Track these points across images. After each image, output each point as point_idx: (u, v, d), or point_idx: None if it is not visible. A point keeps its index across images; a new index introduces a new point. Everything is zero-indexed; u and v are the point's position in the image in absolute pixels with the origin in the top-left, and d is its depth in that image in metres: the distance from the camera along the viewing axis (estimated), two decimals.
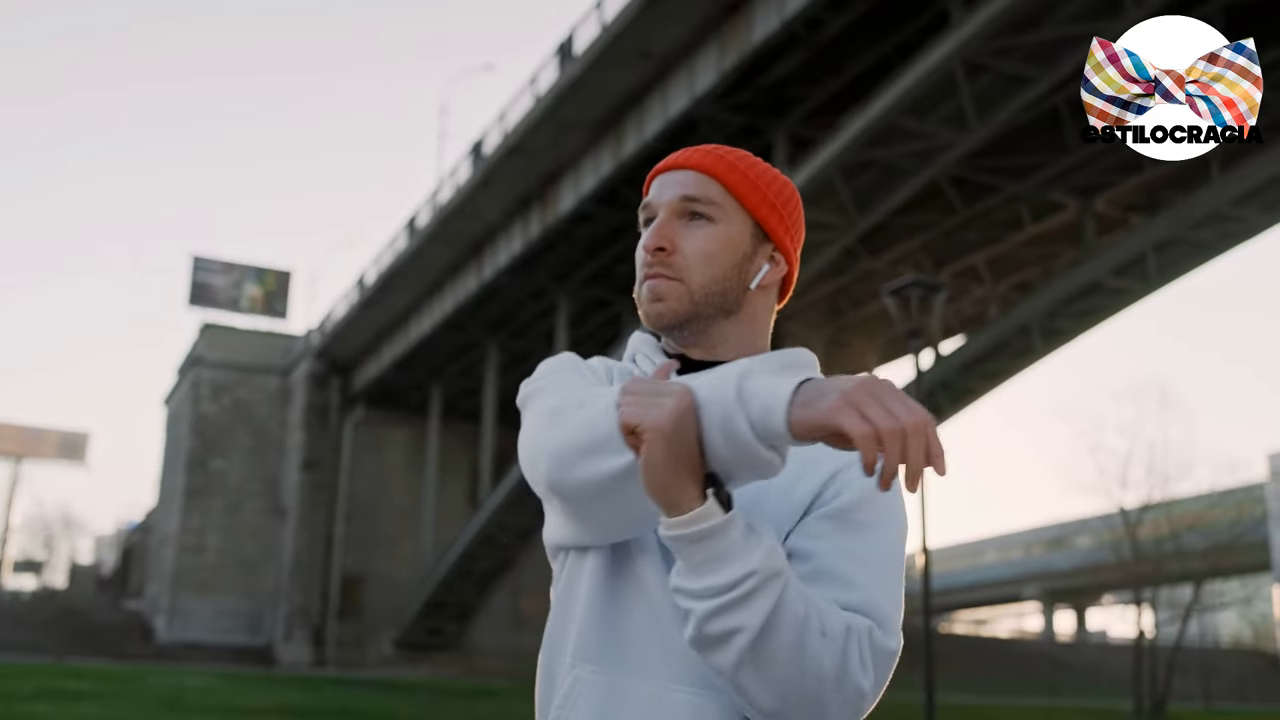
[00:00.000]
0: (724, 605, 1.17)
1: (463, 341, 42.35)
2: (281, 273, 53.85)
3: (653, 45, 25.77)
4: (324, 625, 47.41)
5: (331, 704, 24.21)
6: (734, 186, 1.45)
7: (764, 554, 1.18)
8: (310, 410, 48.79)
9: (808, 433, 1.12)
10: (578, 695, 1.31)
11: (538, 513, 6.80)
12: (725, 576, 1.17)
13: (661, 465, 1.14)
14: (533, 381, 1.43)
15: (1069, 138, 27.28)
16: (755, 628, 1.17)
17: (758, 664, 1.18)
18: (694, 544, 1.17)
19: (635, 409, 1.16)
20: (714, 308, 1.44)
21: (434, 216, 36.30)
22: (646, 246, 1.45)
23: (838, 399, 1.10)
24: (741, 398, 1.14)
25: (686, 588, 1.19)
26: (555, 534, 1.39)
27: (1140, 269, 29.53)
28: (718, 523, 1.16)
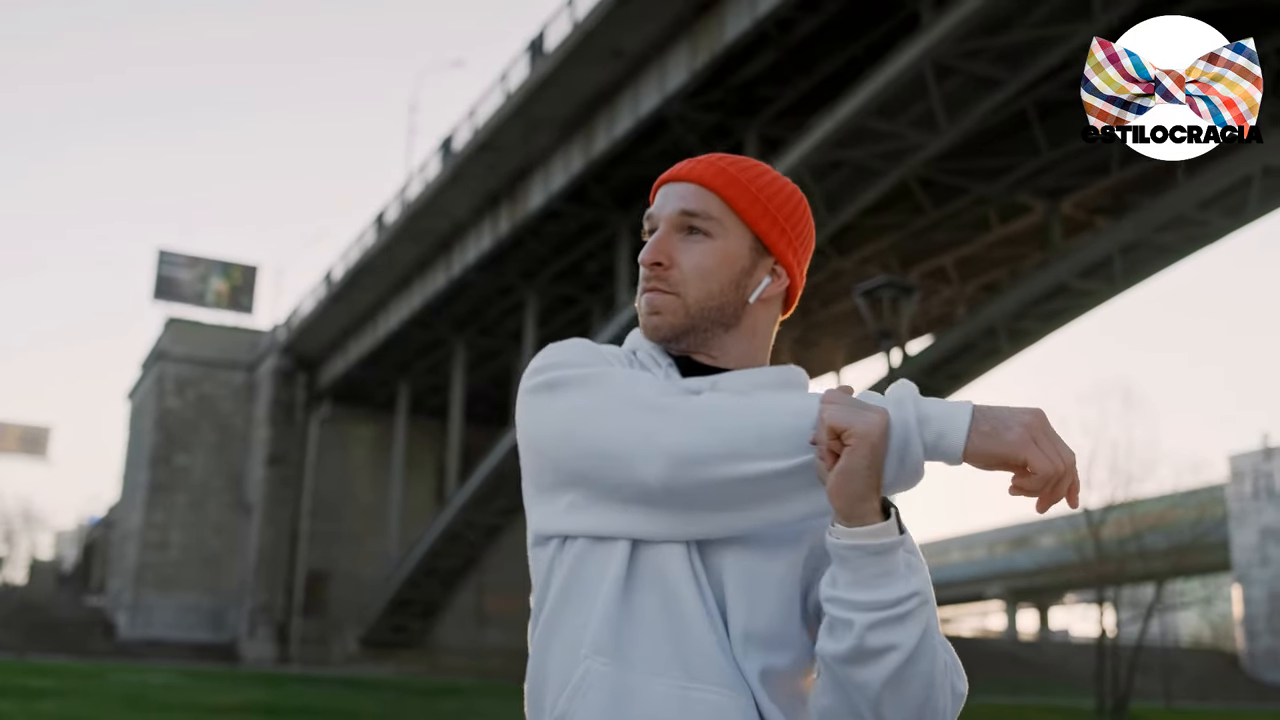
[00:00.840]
0: (886, 620, 1.21)
1: (430, 338, 42.21)
2: (248, 267, 53.50)
3: (624, 43, 25.75)
4: (288, 622, 47.14)
5: (296, 702, 24.07)
6: (734, 201, 1.44)
7: (922, 579, 1.25)
8: (276, 406, 48.48)
9: (984, 462, 1.20)
10: (588, 687, 1.30)
11: (504, 511, 6.80)
12: (892, 593, 1.22)
13: (863, 473, 1.20)
14: (561, 366, 1.41)
15: (1037, 140, 27.47)
16: (910, 648, 1.21)
17: (900, 684, 1.22)
18: (870, 556, 1.22)
19: (844, 414, 1.20)
20: (711, 321, 1.45)
21: (403, 212, 36.15)
22: (644, 261, 1.46)
23: (1023, 433, 1.20)
24: (920, 420, 1.22)
25: (851, 599, 1.22)
26: (579, 523, 1.36)
27: (1106, 271, 29.77)
28: (895, 540, 1.22)
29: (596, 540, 1.35)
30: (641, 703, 1.28)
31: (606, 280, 35.25)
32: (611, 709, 1.28)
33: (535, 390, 1.41)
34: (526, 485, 1.45)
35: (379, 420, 48.97)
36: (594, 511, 1.34)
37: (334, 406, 48.63)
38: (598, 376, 1.37)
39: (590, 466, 1.32)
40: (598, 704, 1.29)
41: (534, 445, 1.40)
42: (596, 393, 1.35)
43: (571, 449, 1.34)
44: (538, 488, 1.41)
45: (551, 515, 1.39)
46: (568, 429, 1.34)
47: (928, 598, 1.24)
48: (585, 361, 1.42)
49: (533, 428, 1.40)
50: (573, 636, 1.34)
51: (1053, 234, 30.11)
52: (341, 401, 48.56)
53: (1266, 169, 26.11)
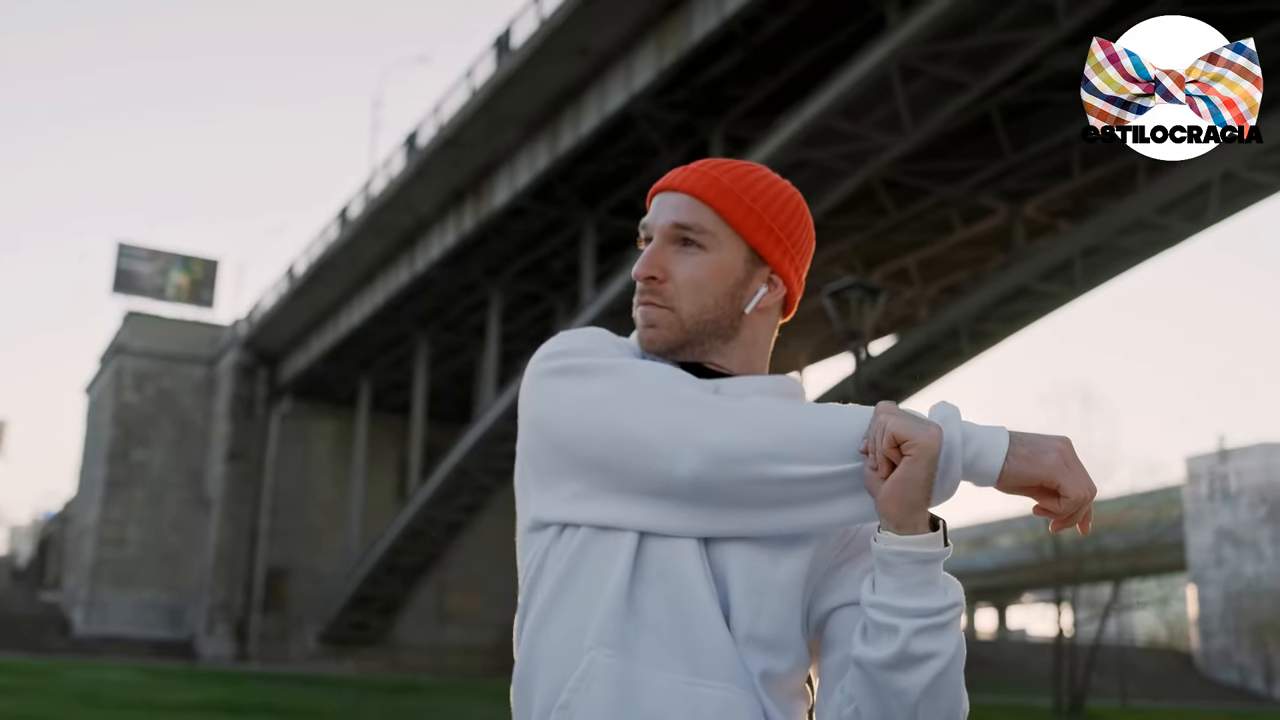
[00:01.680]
0: (930, 627, 1.24)
1: (393, 334, 42.02)
2: (209, 261, 53.04)
3: (591, 41, 25.71)
4: (247, 619, 46.81)
5: (255, 699, 23.90)
6: (727, 212, 1.44)
7: (958, 590, 1.28)
8: (236, 401, 48.11)
9: (1018, 483, 1.25)
10: (592, 679, 1.29)
11: (466, 508, 6.78)
12: (936, 601, 1.25)
13: (921, 482, 1.23)
14: (582, 353, 1.41)
15: (1000, 143, 27.67)
16: (949, 655, 1.25)
17: (937, 692, 1.26)
18: (916, 564, 1.25)
19: (908, 425, 1.23)
20: (707, 334, 1.44)
21: (366, 208, 35.95)
22: (637, 275, 1.45)
23: (1057, 458, 1.26)
24: (963, 439, 1.26)
25: (896, 605, 1.25)
26: (585, 511, 1.35)
27: (1067, 274, 30.04)
28: (942, 551, 1.26)
29: (600, 530, 1.35)
30: (647, 697, 1.28)
31: (571, 278, 35.21)
32: (617, 702, 1.28)
33: (551, 374, 1.40)
34: (525, 470, 1.44)
35: (340, 416, 48.68)
36: (603, 501, 1.34)
37: (295, 402, 48.31)
38: (623, 367, 1.38)
39: (614, 455, 1.32)
40: (603, 696, 1.28)
41: (545, 429, 1.39)
42: (625, 382, 1.35)
43: (594, 436, 1.33)
44: (539, 473, 1.41)
45: (553, 502, 1.38)
46: (591, 416, 1.34)
47: (963, 610, 1.29)
48: (606, 350, 1.42)
49: (546, 412, 1.39)
50: (572, 627, 1.33)
51: (1015, 236, 30.34)
52: (303, 397, 48.26)
53: (1226, 174, 26.44)
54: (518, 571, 1.46)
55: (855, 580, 1.37)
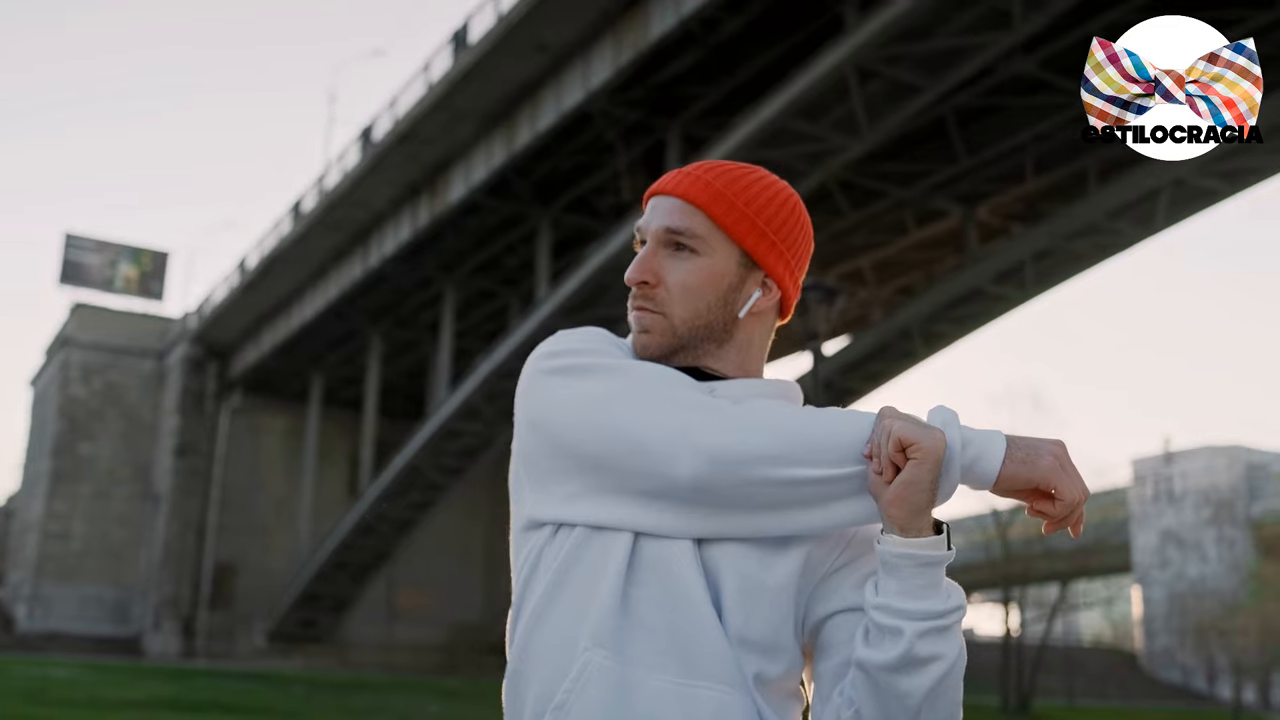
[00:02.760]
0: (934, 630, 1.26)
1: (346, 329, 41.71)
2: (158, 253, 52.39)
3: (549, 37, 25.64)
4: (194, 615, 46.29)
5: (203, 696, 23.66)
6: (719, 217, 1.43)
7: (961, 594, 1.29)
8: (185, 395, 47.57)
9: (1014, 486, 1.27)
10: (588, 679, 1.29)
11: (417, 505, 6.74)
12: (940, 604, 1.26)
13: (926, 486, 1.24)
14: (583, 353, 1.41)
15: (955, 147, 27.88)
16: (953, 658, 1.27)
17: (939, 695, 1.27)
18: (920, 567, 1.26)
19: (913, 429, 1.24)
20: (700, 338, 1.44)
21: (320, 201, 35.65)
22: (630, 280, 1.45)
23: (1053, 462, 1.27)
24: (962, 443, 1.27)
25: (901, 607, 1.26)
26: (582, 511, 1.35)
27: (1019, 277, 30.33)
28: (945, 554, 1.27)
29: (596, 530, 1.34)
30: (642, 698, 1.28)
31: (526, 274, 35.11)
32: (613, 703, 1.28)
33: (550, 373, 1.40)
34: (521, 468, 1.44)
35: (291, 411, 48.27)
36: (599, 501, 1.34)
37: (245, 396, 47.84)
38: (624, 367, 1.38)
39: (613, 455, 1.31)
40: (599, 697, 1.28)
41: (543, 429, 1.38)
42: (626, 383, 1.35)
43: (593, 436, 1.33)
44: (535, 472, 1.40)
45: (549, 501, 1.38)
46: (592, 415, 1.34)
47: (965, 613, 1.29)
48: (607, 351, 1.42)
49: (545, 411, 1.39)
50: (567, 627, 1.32)
51: (968, 239, 30.60)
52: (253, 392, 47.80)
53: (1175, 181, 26.77)
54: (511, 570, 1.45)
55: (852, 586, 1.37)
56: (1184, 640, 56.97)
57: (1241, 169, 26.76)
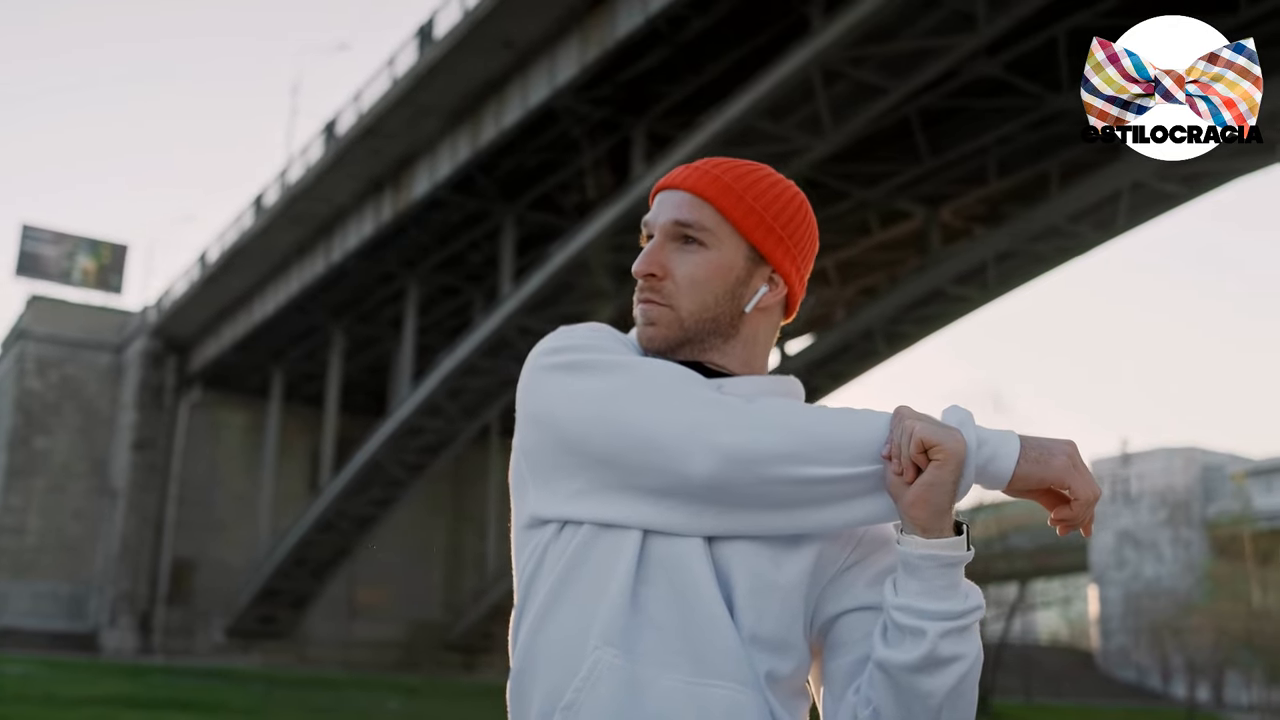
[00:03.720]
0: (955, 630, 1.26)
1: (307, 324, 41.45)
2: (117, 245, 51.84)
3: (515, 34, 25.58)
4: (152, 611, 45.86)
5: (161, 694, 23.44)
6: (728, 211, 1.43)
7: (979, 594, 1.30)
8: (144, 389, 47.10)
9: (1028, 485, 1.27)
10: (599, 678, 1.28)
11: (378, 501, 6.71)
12: (960, 605, 1.27)
13: (949, 487, 1.24)
14: (588, 349, 1.39)
15: (918, 148, 28.01)
16: (973, 658, 1.27)
17: (959, 695, 1.27)
18: (941, 568, 1.26)
19: (936, 431, 1.24)
20: (707, 332, 1.44)
21: (282, 195, 35.40)
22: (637, 272, 1.45)
23: (1067, 461, 1.28)
24: (977, 443, 1.27)
25: (923, 608, 1.26)
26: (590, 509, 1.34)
27: (980, 278, 30.53)
28: (966, 554, 1.28)
29: (603, 528, 1.33)
30: (654, 697, 1.27)
31: (490, 271, 35.02)
32: (624, 702, 1.27)
33: (555, 368, 1.38)
34: (524, 464, 1.42)
35: (251, 406, 47.92)
36: (607, 498, 1.33)
37: (205, 391, 47.45)
38: (632, 363, 1.37)
39: (625, 452, 1.30)
40: (609, 696, 1.27)
41: (549, 424, 1.37)
42: (635, 379, 1.34)
43: (605, 432, 1.32)
44: (538, 468, 1.39)
45: (554, 498, 1.37)
46: (601, 411, 1.32)
47: (983, 614, 1.30)
48: (612, 346, 1.41)
49: (551, 406, 1.37)
50: (575, 625, 1.31)
51: (931, 240, 30.75)
52: (213, 386, 47.42)
53: (1135, 184, 27.03)
54: (512, 569, 1.44)
55: (864, 584, 1.37)
56: (1139, 639, 57.49)
57: (1200, 173, 27.04)
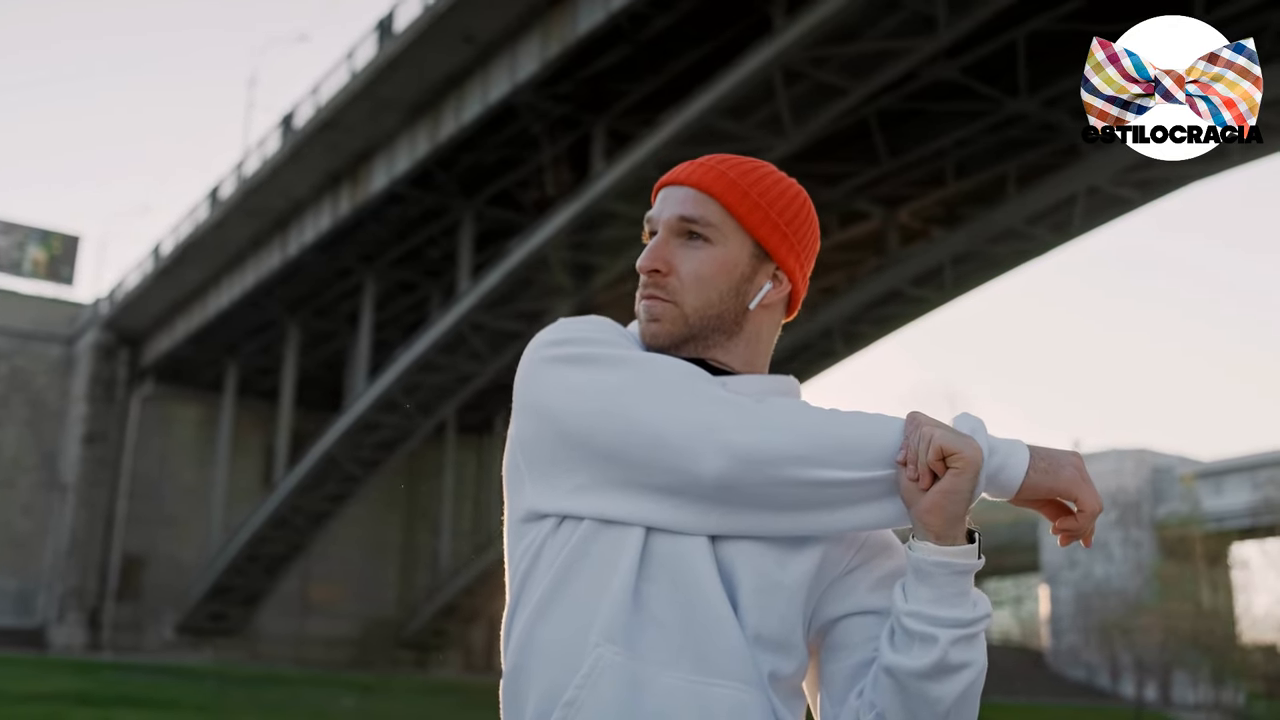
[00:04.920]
0: (965, 637, 1.26)
1: (262, 318, 41.11)
2: (69, 236, 51.20)
3: (476, 29, 25.47)
4: (101, 607, 45.36)
5: (112, 690, 23.19)
6: (733, 206, 1.42)
7: (987, 602, 1.29)
8: (95, 382, 46.55)
9: (1035, 495, 1.26)
10: (600, 675, 1.26)
11: (333, 497, 6.66)
12: (970, 612, 1.27)
13: (966, 495, 1.24)
14: (591, 342, 1.37)
15: (877, 149, 28.15)
16: (980, 665, 1.28)
17: (967, 701, 1.28)
18: (954, 575, 1.26)
19: (955, 439, 1.23)
20: (711, 329, 1.42)
21: (239, 188, 35.07)
22: (641, 268, 1.43)
23: (1075, 473, 1.27)
24: (988, 451, 1.27)
25: (935, 614, 1.25)
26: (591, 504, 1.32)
27: (938, 279, 30.76)
28: (977, 563, 1.28)
29: (604, 524, 1.31)
30: (656, 695, 1.26)
31: (448, 266, 34.87)
32: (627, 699, 1.25)
33: (557, 360, 1.36)
34: (521, 458, 1.40)
35: (204, 401, 47.48)
36: (609, 494, 1.31)
37: (157, 385, 46.95)
38: (637, 358, 1.35)
39: (631, 449, 1.28)
40: (612, 694, 1.25)
41: (550, 418, 1.35)
42: (641, 374, 1.32)
43: (610, 427, 1.30)
44: (536, 462, 1.37)
45: (553, 493, 1.35)
46: (606, 406, 1.30)
47: (991, 621, 1.31)
48: (615, 340, 1.39)
49: (552, 400, 1.35)
50: (575, 622, 1.29)
51: (889, 241, 30.94)
52: (165, 380, 46.92)
53: (1091, 188, 27.31)
54: (505, 563, 1.42)
55: (867, 588, 1.37)
56: (1089, 639, 58.05)
57: (1154, 179, 27.39)
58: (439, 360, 31.25)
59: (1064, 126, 25.99)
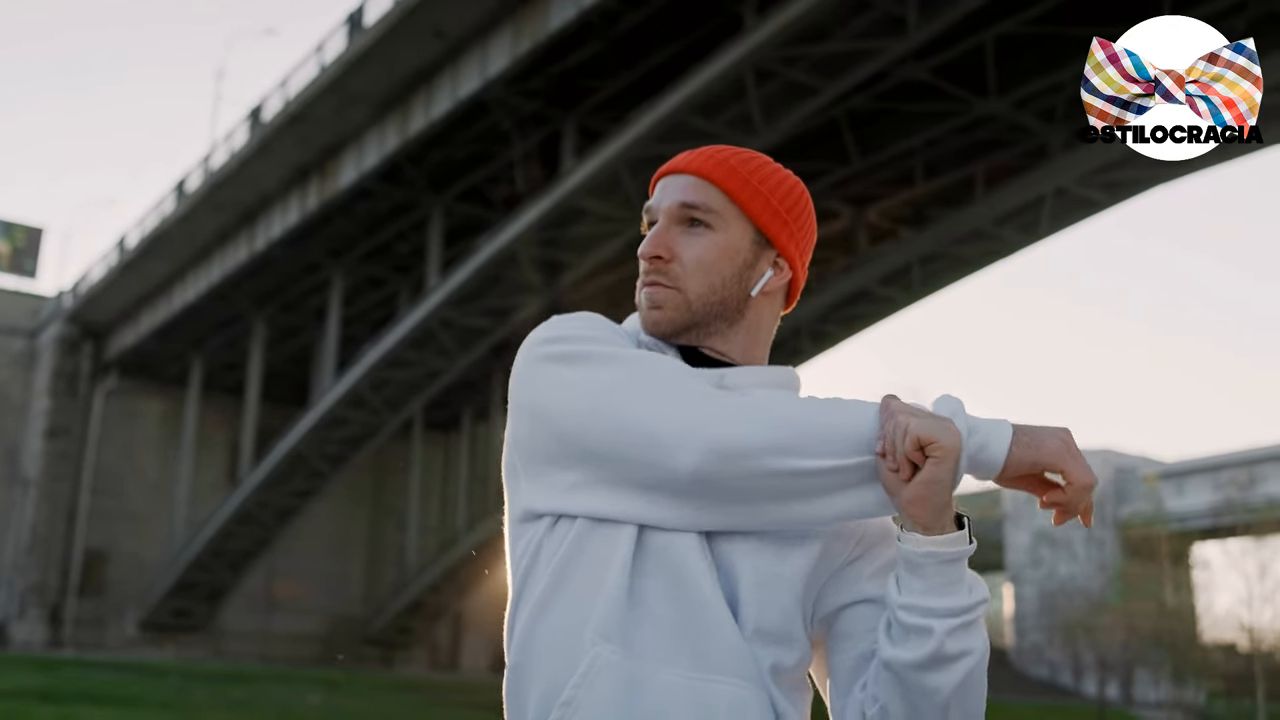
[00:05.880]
0: (961, 626, 1.22)
1: (229, 313, 40.85)
2: (32, 229, 50.69)
3: (446, 24, 25.39)
4: (63, 603, 44.97)
5: (74, 687, 22.96)
6: (735, 193, 1.42)
7: (983, 587, 1.25)
8: (58, 376, 46.14)
9: (1020, 471, 1.24)
10: (596, 674, 1.24)
11: (299, 493, 6.64)
12: (965, 600, 1.23)
13: (948, 483, 1.21)
14: (582, 340, 1.36)
15: (847, 149, 28.24)
16: (981, 652, 1.24)
17: (968, 689, 1.25)
18: (944, 564, 1.22)
19: (933, 426, 1.20)
20: (713, 315, 1.42)
21: (206, 181, 34.84)
22: (643, 254, 1.42)
23: (1060, 445, 1.23)
24: (968, 432, 1.23)
25: (928, 605, 1.22)
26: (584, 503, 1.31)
27: (905, 279, 30.89)
28: (968, 549, 1.24)
29: (598, 522, 1.30)
30: (654, 693, 1.24)
31: (416, 262, 34.75)
32: (625, 698, 1.24)
33: (550, 359, 1.35)
34: (517, 457, 1.39)
35: (169, 395, 47.15)
36: (601, 492, 1.30)
37: (121, 379, 46.58)
38: (628, 356, 1.34)
39: (617, 446, 1.28)
40: (609, 692, 1.24)
41: (543, 416, 1.34)
42: (631, 372, 1.31)
43: (597, 425, 1.29)
44: (531, 461, 1.36)
45: (548, 492, 1.33)
46: (597, 404, 1.29)
47: (989, 605, 1.27)
48: (607, 338, 1.37)
49: (544, 398, 1.34)
50: (571, 620, 1.28)
51: (857, 241, 31.04)
52: (130, 374, 46.56)
53: (1059, 190, 27.48)
54: (507, 563, 1.41)
55: (868, 577, 1.36)
56: (1053, 637, 58.45)
57: (1121, 181, 27.59)
58: (407, 356, 31.15)
59: (1032, 128, 26.16)
